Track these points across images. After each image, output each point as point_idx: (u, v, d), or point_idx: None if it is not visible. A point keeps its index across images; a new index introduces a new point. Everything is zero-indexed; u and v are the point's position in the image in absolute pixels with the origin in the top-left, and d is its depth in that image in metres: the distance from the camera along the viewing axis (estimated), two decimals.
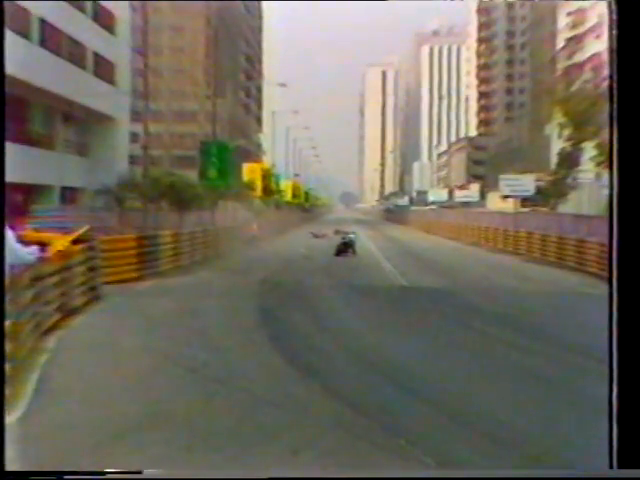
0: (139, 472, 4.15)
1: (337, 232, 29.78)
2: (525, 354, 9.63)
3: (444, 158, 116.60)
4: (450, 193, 75.05)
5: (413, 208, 72.22)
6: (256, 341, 10.25)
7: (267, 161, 64.45)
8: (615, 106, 3.75)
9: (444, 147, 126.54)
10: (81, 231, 13.72)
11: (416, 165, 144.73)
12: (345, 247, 26.83)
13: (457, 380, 8.16)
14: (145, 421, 6.47)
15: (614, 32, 3.74)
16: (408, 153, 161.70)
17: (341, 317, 12.76)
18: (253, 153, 74.32)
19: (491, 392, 7.61)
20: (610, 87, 3.78)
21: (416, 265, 23.79)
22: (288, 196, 63.88)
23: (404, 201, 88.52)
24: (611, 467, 3.78)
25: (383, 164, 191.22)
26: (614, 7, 3.76)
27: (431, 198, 76.43)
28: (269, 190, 48.93)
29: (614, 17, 3.75)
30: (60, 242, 12.20)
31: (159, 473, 4.63)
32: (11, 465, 4.53)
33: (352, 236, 28.17)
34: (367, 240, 36.80)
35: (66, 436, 5.99)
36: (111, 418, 6.55)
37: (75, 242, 12.94)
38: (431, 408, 7.00)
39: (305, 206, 77.21)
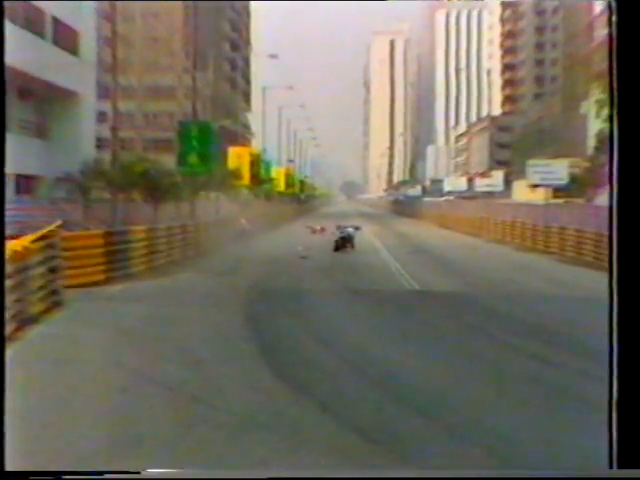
0: (137, 472, 4.79)
1: (339, 228, 30.51)
2: (560, 372, 9.65)
3: (463, 141, 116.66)
4: (470, 182, 75.23)
5: (426, 199, 72.28)
6: (243, 355, 10.29)
7: (256, 145, 64.48)
8: (615, 106, 4.33)
9: (463, 128, 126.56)
10: (51, 227, 13.70)
11: (430, 149, 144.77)
12: (344, 242, 28.35)
13: (478, 403, 8.18)
14: (114, 447, 6.48)
15: (614, 32, 4.32)
16: (421, 135, 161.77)
17: (343, 327, 12.82)
18: (240, 135, 74.31)
19: (521, 420, 7.57)
20: (610, 87, 4.35)
21: (429, 265, 23.83)
22: (281, 186, 63.91)
23: (416, 191, 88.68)
24: (611, 467, 4.31)
25: (392, 148, 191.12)
26: (614, 7, 4.33)
27: (447, 187, 76.61)
28: (258, 179, 48.94)
29: (614, 17, 4.33)
30: (20, 241, 12.21)
31: (158, 473, 5.26)
32: (11, 465, 5.04)
33: (350, 230, 29.59)
34: (373, 237, 36.83)
35: (26, 466, 6.03)
36: (75, 444, 6.56)
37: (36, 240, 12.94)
38: (444, 435, 7.03)
39: (300, 197, 77.26)
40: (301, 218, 59.41)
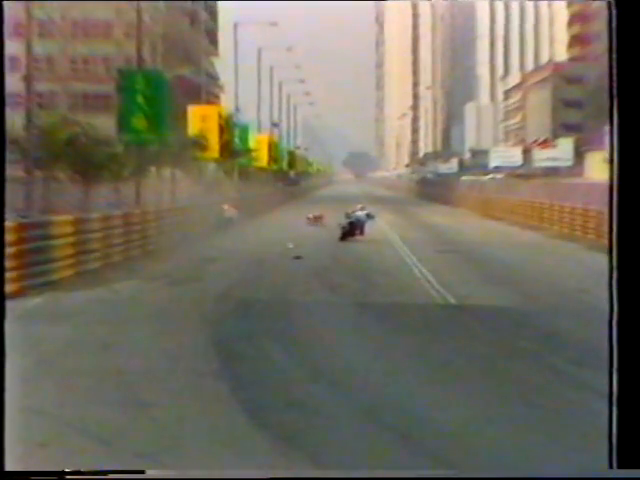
0: (141, 472, 6.19)
1: (349, 216, 32.36)
2: None
3: (515, 97, 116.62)
4: (526, 153, 75.26)
5: (465, 178, 72.41)
6: (208, 396, 10.34)
7: (227, 103, 64.38)
8: (615, 105, 5.58)
9: (515, 79, 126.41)
10: None
11: (470, 109, 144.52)
12: (352, 228, 30.90)
13: (536, 456, 8.18)
14: None
15: (614, 32, 5.58)
16: (456, 89, 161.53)
17: (347, 356, 12.83)
18: (205, 89, 74.16)
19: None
20: (610, 87, 5.59)
21: (469, 270, 23.91)
22: (262, 159, 63.89)
23: (450, 167, 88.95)
24: (611, 467, 5.59)
25: (416, 107, 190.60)
26: (614, 7, 5.59)
27: (494, 162, 76.70)
28: (231, 149, 48.87)
29: (614, 17, 5.59)
30: None
31: (161, 473, 6.78)
32: (11, 465, 6.00)
33: (360, 214, 31.89)
34: (390, 230, 36.88)
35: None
36: None
37: None
38: None
39: (289, 175, 77.33)
40: (290, 204, 59.55)
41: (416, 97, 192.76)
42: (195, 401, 10.14)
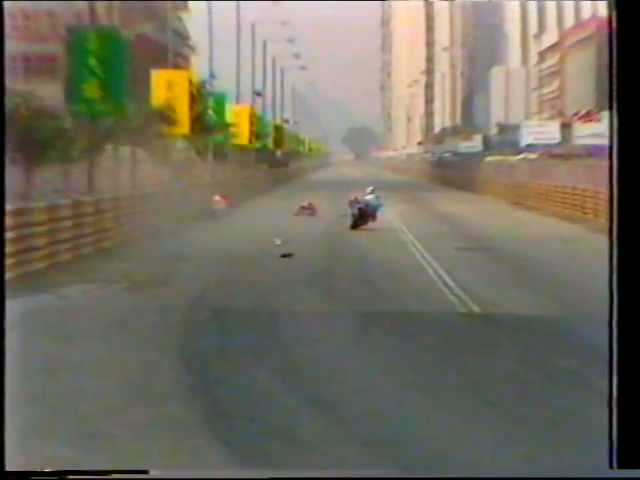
0: (145, 472, 7.12)
1: (354, 202, 34.25)
2: None
3: (552, 60, 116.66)
4: (564, 128, 75.18)
5: (490, 159, 72.39)
6: (176, 426, 10.37)
7: (199, 68, 64.26)
8: (616, 105, 6.65)
9: (552, 38, 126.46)
10: None
11: (496, 74, 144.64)
12: (363, 215, 33.62)
13: None
14: None
15: (614, 32, 6.64)
16: (480, 51, 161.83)
17: (347, 378, 12.90)
18: (172, 51, 74.04)
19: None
20: (610, 87, 6.68)
21: (496, 271, 24.14)
22: (242, 135, 63.75)
23: (472, 145, 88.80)
24: (611, 467, 6.60)
25: (429, 73, 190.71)
26: (614, 7, 6.68)
27: (527, 139, 76.59)
28: (203, 124, 48.82)
29: (614, 17, 6.68)
30: None
31: (165, 473, 7.73)
32: (11, 465, 6.84)
33: (370, 197, 34.34)
34: (400, 222, 36.90)
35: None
36: None
37: None
38: None
39: (275, 155, 77.28)
40: (276, 191, 59.62)
41: (430, 60, 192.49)
42: (161, 433, 10.14)
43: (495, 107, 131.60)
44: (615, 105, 6.73)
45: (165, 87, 46.29)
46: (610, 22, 6.71)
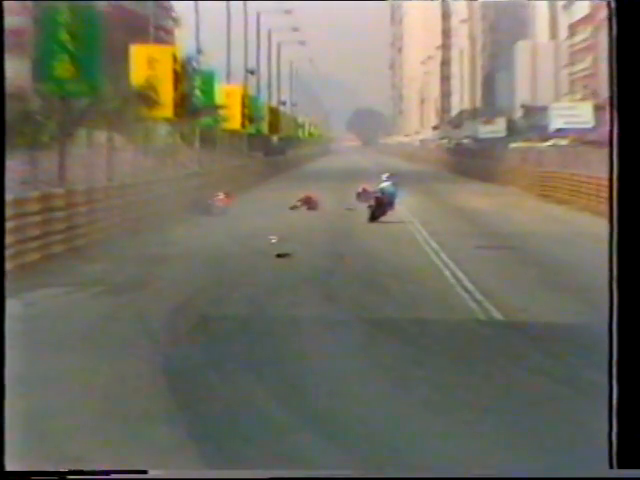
0: (144, 472, 7.66)
1: (360, 195, 36.00)
2: None
3: (584, 34, 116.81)
4: (598, 111, 75.26)
5: (515, 145, 72.52)
6: (157, 449, 10.40)
7: (184, 42, 64.34)
8: (616, 105, 7.33)
9: (584, 10, 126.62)
10: None
11: (521, 50, 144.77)
12: (380, 205, 34.84)
13: None
14: None
15: (614, 32, 7.35)
16: (502, 24, 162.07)
17: (351, 393, 12.94)
18: (153, 24, 73.99)
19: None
20: (610, 87, 7.38)
21: (521, 273, 24.21)
22: (234, 119, 63.84)
23: (495, 129, 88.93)
24: (611, 467, 7.32)
25: (446, 48, 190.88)
26: (614, 7, 7.39)
27: (556, 122, 76.73)
28: (189, 105, 48.91)
29: (614, 17, 7.39)
30: None
31: (164, 473, 8.38)
32: (11, 465, 7.52)
33: (386, 185, 35.62)
34: (412, 217, 36.98)
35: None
36: None
37: None
38: None
39: (271, 141, 77.42)
40: (272, 181, 59.82)
41: (447, 34, 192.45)
42: (139, 456, 10.10)
43: (520, 87, 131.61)
44: (615, 105, 7.41)
45: (146, 64, 46.30)
46: (610, 22, 7.44)
